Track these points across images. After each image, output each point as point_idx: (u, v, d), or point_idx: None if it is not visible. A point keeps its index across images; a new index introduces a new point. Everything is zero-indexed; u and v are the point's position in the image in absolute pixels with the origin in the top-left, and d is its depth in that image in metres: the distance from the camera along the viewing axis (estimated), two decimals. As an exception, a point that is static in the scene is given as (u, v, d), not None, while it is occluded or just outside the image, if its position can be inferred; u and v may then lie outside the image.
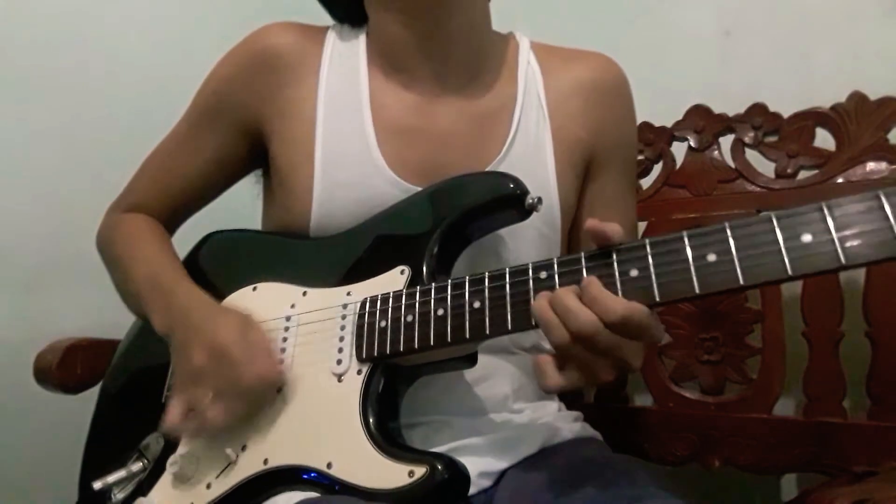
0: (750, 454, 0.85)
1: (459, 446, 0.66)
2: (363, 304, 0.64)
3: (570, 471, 0.63)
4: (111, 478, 0.68)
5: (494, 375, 0.72)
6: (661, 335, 0.54)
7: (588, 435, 0.76)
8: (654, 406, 0.94)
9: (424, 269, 0.64)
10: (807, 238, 0.45)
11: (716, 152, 0.96)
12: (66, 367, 0.82)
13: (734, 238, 0.48)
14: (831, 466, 0.80)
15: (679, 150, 0.99)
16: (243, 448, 0.63)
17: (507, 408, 0.72)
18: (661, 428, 0.92)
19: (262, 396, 0.64)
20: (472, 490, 0.64)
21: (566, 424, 0.74)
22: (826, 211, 0.45)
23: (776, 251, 0.46)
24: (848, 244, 0.44)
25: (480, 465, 0.65)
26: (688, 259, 0.49)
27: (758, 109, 0.93)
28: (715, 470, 0.88)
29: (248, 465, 0.62)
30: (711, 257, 0.49)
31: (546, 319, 0.52)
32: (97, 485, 0.67)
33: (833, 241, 0.45)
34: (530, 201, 0.65)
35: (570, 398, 0.81)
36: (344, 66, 0.76)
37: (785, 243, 0.46)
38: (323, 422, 0.61)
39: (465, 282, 0.59)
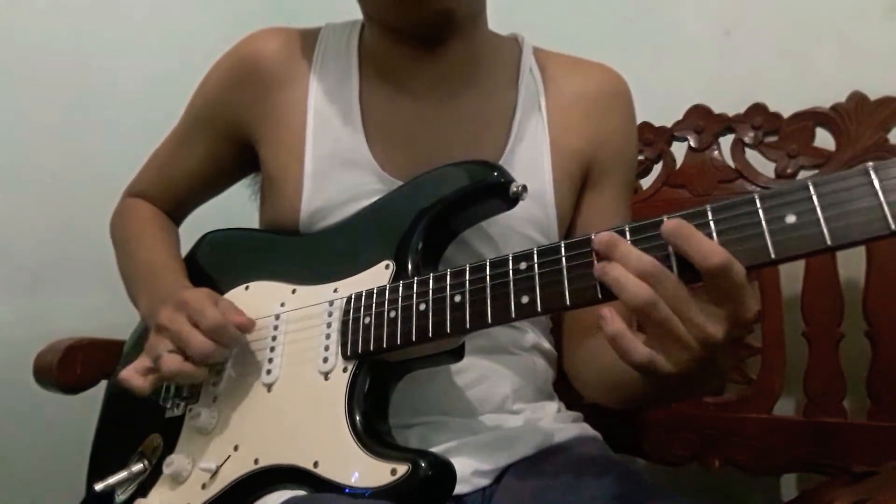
0: (750, 454, 0.85)
1: (455, 446, 0.66)
2: (349, 300, 0.64)
3: (570, 471, 0.63)
4: (113, 479, 0.68)
5: (494, 376, 0.71)
6: (757, 308, 0.46)
7: (588, 435, 0.75)
8: (653, 406, 0.94)
9: (409, 262, 0.63)
10: (791, 219, 0.43)
11: (716, 152, 0.95)
12: (65, 367, 0.82)
13: (715, 221, 0.46)
14: (831, 466, 0.80)
15: (679, 150, 0.99)
16: (235, 448, 0.64)
17: (506, 408, 0.72)
18: (661, 428, 0.91)
19: (230, 343, 0.64)
20: (468, 488, 0.64)
21: (566, 425, 0.74)
22: (812, 189, 0.43)
23: (759, 233, 0.44)
24: (835, 223, 0.42)
25: (476, 464, 0.65)
26: (668, 245, 0.47)
27: (758, 109, 0.93)
28: (715, 470, 0.87)
29: (240, 464, 0.62)
30: None
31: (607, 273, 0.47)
32: (99, 486, 0.68)
33: (819, 220, 0.42)
34: (515, 189, 0.63)
35: (569, 399, 0.81)
36: (335, 70, 0.75)
37: (768, 225, 0.44)
38: (311, 421, 0.61)
39: (446, 275, 0.58)
